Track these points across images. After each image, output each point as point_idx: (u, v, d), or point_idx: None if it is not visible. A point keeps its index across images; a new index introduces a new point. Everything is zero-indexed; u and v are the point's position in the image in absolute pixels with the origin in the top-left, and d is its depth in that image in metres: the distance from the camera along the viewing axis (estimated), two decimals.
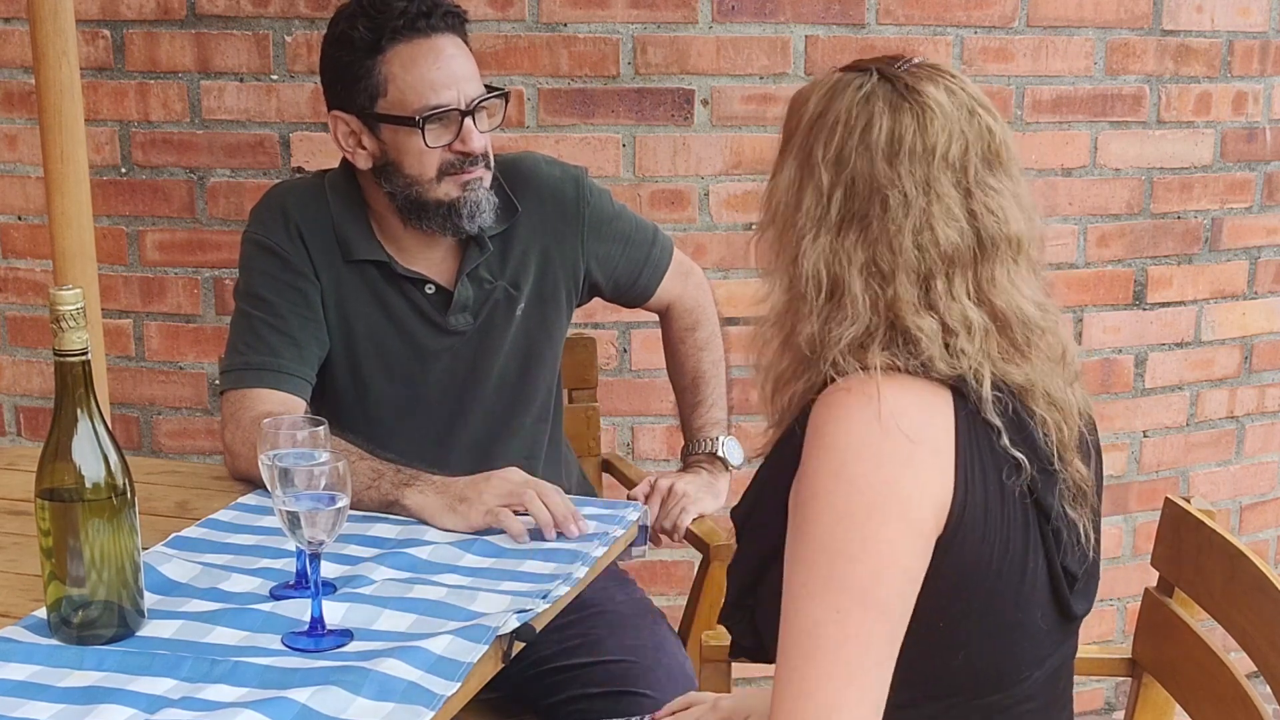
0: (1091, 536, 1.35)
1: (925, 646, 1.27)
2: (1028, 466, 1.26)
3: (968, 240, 1.27)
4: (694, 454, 2.26)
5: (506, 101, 2.03)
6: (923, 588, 1.23)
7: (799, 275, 1.30)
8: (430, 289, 2.06)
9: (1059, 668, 1.39)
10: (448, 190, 1.97)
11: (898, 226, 1.25)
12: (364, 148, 1.99)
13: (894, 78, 1.29)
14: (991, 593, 1.27)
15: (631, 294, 2.25)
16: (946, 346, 1.25)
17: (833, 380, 1.26)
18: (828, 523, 1.21)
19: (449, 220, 1.99)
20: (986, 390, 1.25)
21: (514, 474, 1.86)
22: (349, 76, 1.96)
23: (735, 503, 1.43)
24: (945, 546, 1.23)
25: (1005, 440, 1.25)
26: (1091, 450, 1.38)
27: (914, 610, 1.23)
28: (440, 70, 1.94)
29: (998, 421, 1.25)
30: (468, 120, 1.95)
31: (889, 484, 1.20)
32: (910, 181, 1.25)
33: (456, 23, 1.98)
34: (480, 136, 1.97)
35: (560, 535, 1.79)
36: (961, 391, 1.25)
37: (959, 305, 1.26)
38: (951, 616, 1.27)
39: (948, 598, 1.25)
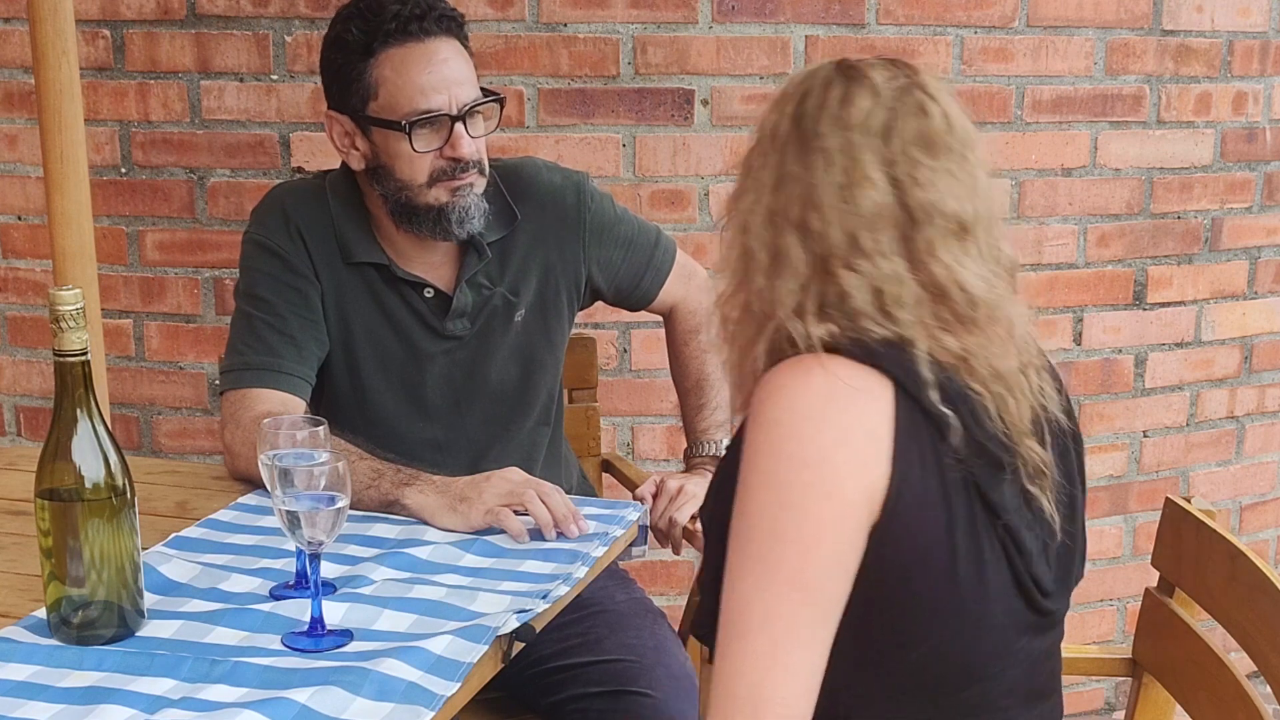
0: (1058, 515, 1.33)
1: (878, 643, 1.28)
2: (970, 461, 1.27)
3: (889, 203, 1.29)
4: (697, 456, 2.26)
5: (502, 106, 2.02)
6: (866, 579, 1.24)
7: (748, 236, 1.36)
8: (429, 293, 2.06)
9: (1037, 660, 1.38)
10: (437, 195, 1.97)
11: (824, 184, 1.30)
12: (357, 149, 1.99)
13: (850, 65, 1.35)
14: (939, 585, 1.27)
15: (634, 298, 2.24)
16: (881, 309, 1.28)
17: (784, 349, 1.29)
18: (763, 499, 1.24)
19: (438, 225, 1.98)
20: (926, 372, 1.26)
21: (514, 474, 1.85)
22: (343, 78, 1.96)
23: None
24: (882, 535, 1.24)
25: (950, 438, 1.26)
26: (1062, 436, 1.38)
27: (861, 604, 1.24)
28: (431, 74, 1.93)
29: (939, 410, 1.25)
30: (458, 125, 1.94)
31: (824, 462, 1.22)
32: (831, 141, 1.31)
33: (453, 26, 1.96)
34: (471, 142, 1.96)
35: (560, 535, 1.79)
36: (903, 384, 1.26)
37: (889, 263, 1.29)
38: (900, 610, 1.27)
39: (892, 589, 1.26)
